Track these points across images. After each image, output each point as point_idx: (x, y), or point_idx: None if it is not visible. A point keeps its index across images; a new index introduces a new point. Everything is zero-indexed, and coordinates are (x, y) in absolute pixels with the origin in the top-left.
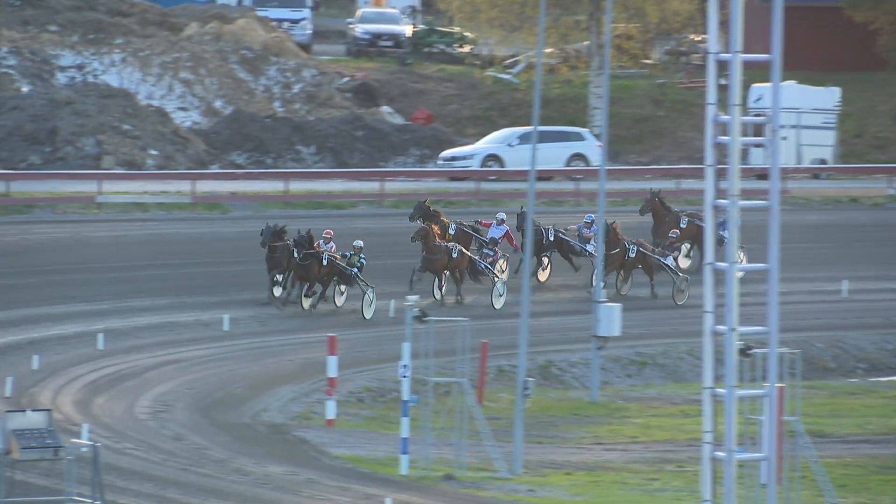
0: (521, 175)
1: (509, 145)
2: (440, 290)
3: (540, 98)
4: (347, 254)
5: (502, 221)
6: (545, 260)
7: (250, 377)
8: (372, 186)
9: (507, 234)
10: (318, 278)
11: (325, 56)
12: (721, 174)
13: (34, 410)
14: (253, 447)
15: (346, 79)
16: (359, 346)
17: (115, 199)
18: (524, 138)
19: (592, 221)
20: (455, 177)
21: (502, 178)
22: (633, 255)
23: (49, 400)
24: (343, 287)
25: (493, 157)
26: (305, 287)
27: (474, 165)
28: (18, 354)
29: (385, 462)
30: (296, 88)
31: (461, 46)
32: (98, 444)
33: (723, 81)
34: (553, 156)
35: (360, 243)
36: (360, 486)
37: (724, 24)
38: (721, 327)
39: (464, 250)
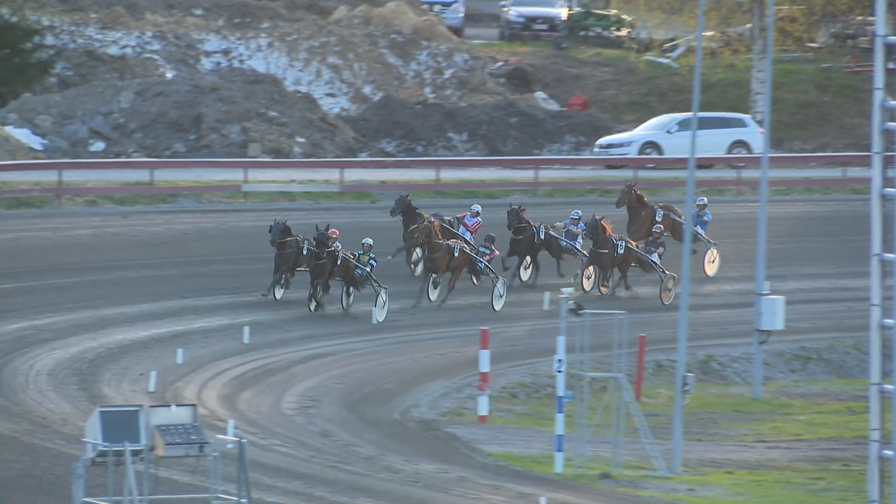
0: (680, 163)
1: (668, 132)
2: (435, 290)
3: (700, 83)
4: (356, 253)
5: (476, 213)
6: (527, 259)
7: (400, 372)
8: (526, 175)
9: (476, 226)
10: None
11: (478, 40)
12: (889, 162)
13: (179, 406)
14: (402, 444)
15: (499, 63)
16: (512, 339)
17: (262, 188)
18: (683, 125)
19: (579, 218)
20: (612, 165)
21: (660, 166)
22: (621, 252)
23: (194, 395)
24: (350, 288)
25: (651, 145)
26: (317, 287)
27: (631, 153)
28: (162, 348)
29: (539, 460)
30: (447, 74)
31: (618, 30)
32: (244, 441)
33: (891, 65)
34: (713, 143)
35: (370, 241)
36: (513, 484)
37: (893, 6)
38: (889, 321)
39: (465, 249)
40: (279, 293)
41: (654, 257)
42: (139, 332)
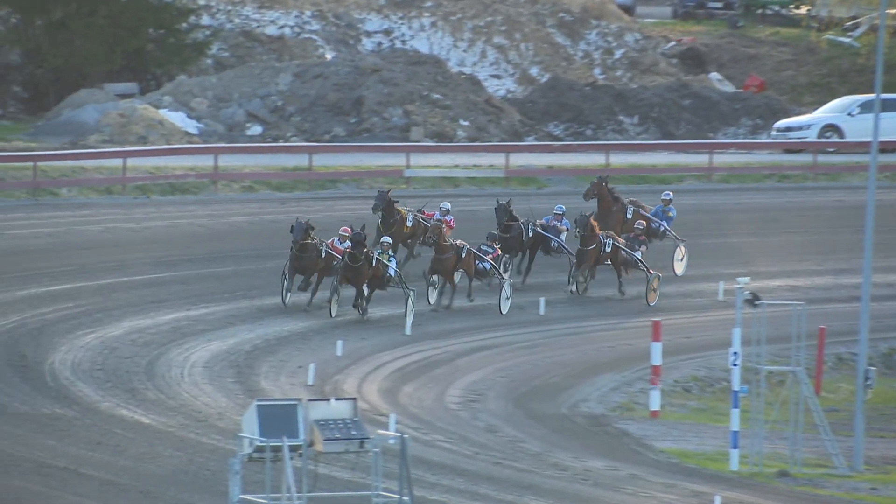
0: (862, 147)
1: (849, 114)
2: (440, 294)
3: (882, 63)
4: (376, 251)
5: (446, 212)
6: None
7: (567, 365)
8: (700, 159)
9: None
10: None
11: (650, 19)
12: None
13: (338, 399)
14: (571, 440)
15: (671, 43)
16: (684, 331)
17: (424, 173)
18: (865, 107)
19: (563, 213)
20: (790, 149)
21: (841, 150)
22: (608, 250)
23: (354, 388)
24: (366, 291)
25: (831, 128)
26: (360, 295)
27: (811, 137)
28: (321, 340)
29: (714, 457)
30: (617, 54)
31: (797, 8)
32: (406, 436)
33: None
34: None
35: (388, 240)
36: (686, 482)
37: None
38: None
39: (472, 249)
40: (288, 298)
41: (638, 255)
42: (297, 323)
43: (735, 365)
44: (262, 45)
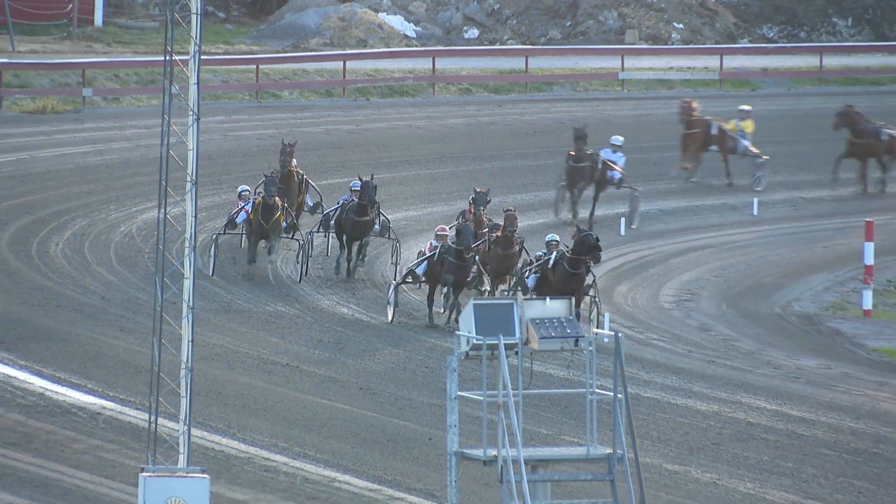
0: None
1: None
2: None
3: None
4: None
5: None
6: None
7: (781, 264)
8: None
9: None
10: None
11: None
12: None
13: (553, 298)
14: (783, 339)
15: None
16: None
17: (639, 75)
18: None
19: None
20: None
21: None
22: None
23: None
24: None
25: None
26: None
27: None
28: (537, 238)
29: None
30: None
31: None
32: (620, 335)
33: None
34: None
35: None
36: None
37: None
38: None
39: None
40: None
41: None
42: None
43: None
44: None
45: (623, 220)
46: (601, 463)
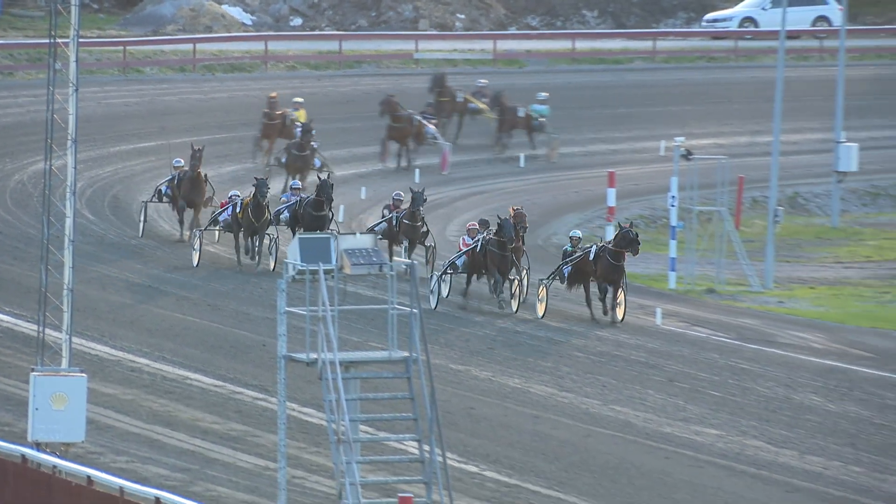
0: (772, 35)
1: (763, 9)
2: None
3: None
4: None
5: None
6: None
7: (542, 205)
8: (646, 45)
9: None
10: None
11: None
12: None
13: (361, 234)
14: (545, 266)
15: None
16: (633, 180)
17: (430, 55)
18: (776, 2)
19: (300, 188)
20: (716, 36)
21: (757, 37)
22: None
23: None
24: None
25: (748, 20)
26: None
27: (732, 26)
28: (348, 186)
29: (656, 278)
30: None
31: None
32: (415, 263)
33: None
34: (800, 18)
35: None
36: (635, 298)
37: None
38: None
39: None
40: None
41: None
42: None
43: (673, 206)
44: None
45: (417, 171)
46: (400, 364)
